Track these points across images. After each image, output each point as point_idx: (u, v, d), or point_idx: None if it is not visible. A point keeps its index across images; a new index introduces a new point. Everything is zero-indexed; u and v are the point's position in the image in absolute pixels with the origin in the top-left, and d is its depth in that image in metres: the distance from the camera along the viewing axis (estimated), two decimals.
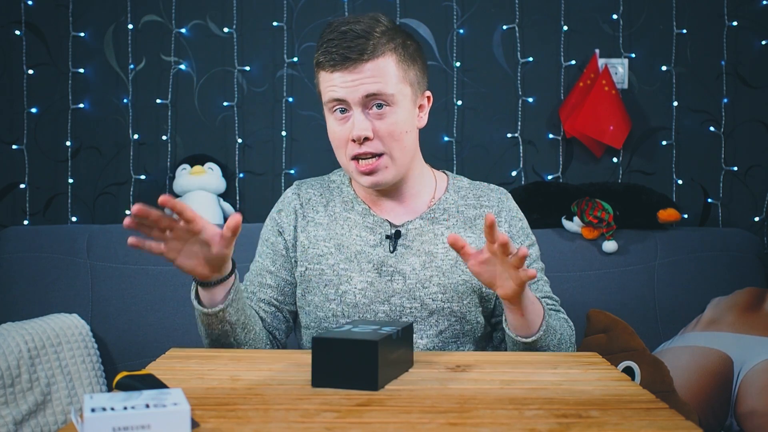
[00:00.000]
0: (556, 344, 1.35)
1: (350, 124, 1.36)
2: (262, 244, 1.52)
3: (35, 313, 2.05)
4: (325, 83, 1.37)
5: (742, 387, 1.83)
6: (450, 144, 2.48)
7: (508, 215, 1.49)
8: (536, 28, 2.48)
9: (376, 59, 1.34)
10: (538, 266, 1.49)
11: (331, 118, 1.40)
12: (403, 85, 1.38)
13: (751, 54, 2.47)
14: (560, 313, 1.47)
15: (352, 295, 1.41)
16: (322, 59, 1.36)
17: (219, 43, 2.47)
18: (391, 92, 1.35)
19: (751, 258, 2.23)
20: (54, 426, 1.86)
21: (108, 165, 2.48)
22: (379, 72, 1.34)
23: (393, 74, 1.36)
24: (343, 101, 1.36)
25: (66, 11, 2.45)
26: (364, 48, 1.33)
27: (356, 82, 1.34)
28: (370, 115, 1.36)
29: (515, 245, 1.43)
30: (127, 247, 2.13)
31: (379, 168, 1.38)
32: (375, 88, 1.34)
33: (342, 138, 1.38)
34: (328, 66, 1.35)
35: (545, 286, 1.49)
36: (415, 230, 1.45)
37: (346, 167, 1.42)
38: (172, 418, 0.76)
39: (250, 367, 1.13)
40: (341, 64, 1.33)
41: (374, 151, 1.37)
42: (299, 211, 1.49)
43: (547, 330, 1.32)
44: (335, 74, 1.35)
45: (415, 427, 0.84)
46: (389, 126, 1.36)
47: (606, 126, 2.36)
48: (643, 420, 0.86)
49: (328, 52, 1.34)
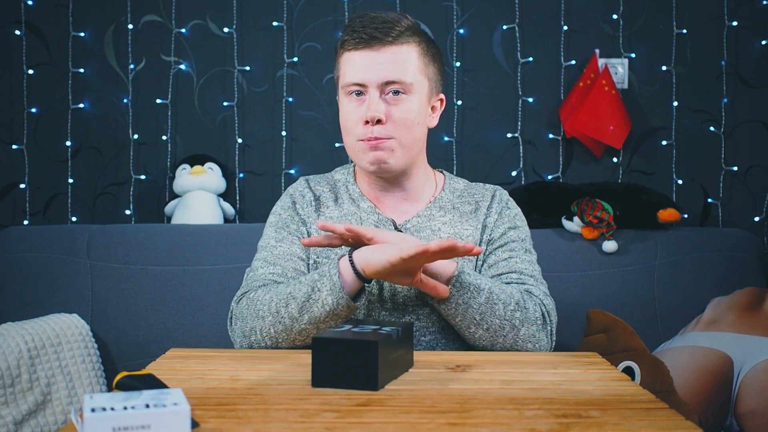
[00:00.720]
0: (486, 303, 1.30)
1: (364, 106, 1.38)
2: (279, 230, 1.47)
3: (35, 313, 2.05)
4: (347, 64, 1.40)
5: (742, 387, 1.83)
6: (450, 144, 2.48)
7: (498, 205, 1.50)
8: (536, 28, 2.48)
9: (400, 45, 1.38)
10: (518, 246, 1.45)
11: (346, 101, 1.41)
12: (422, 77, 1.41)
13: (751, 54, 2.47)
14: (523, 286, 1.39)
15: None
16: (347, 38, 1.38)
17: (219, 43, 2.47)
18: (410, 81, 1.38)
19: (751, 258, 2.23)
20: (54, 426, 1.86)
21: (108, 165, 2.48)
22: (401, 58, 1.37)
23: (414, 64, 1.39)
24: (362, 85, 1.38)
25: (66, 11, 2.45)
26: (390, 31, 1.37)
27: (378, 65, 1.36)
28: (385, 99, 1.38)
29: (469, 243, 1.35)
30: (127, 247, 2.14)
31: (385, 147, 1.39)
32: (395, 75, 1.37)
33: (354, 119, 1.39)
34: (352, 44, 1.38)
35: (519, 264, 1.42)
36: (413, 227, 1.46)
37: (352, 149, 1.42)
38: (172, 418, 0.76)
39: (250, 367, 1.13)
40: (366, 42, 1.36)
41: (384, 137, 1.38)
42: (314, 203, 1.50)
43: (462, 287, 1.29)
44: (359, 53, 1.37)
45: (415, 427, 0.84)
46: (403, 113, 1.38)
47: (606, 126, 2.36)
48: (643, 420, 0.86)
49: (355, 31, 1.37)
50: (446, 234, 1.45)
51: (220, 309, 2.10)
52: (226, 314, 2.10)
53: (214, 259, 2.14)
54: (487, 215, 1.49)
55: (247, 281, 1.43)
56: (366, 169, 1.44)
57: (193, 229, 2.21)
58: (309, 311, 1.27)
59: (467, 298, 1.31)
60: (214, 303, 2.10)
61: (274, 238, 1.47)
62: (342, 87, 1.42)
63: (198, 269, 2.14)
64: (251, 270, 1.45)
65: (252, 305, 1.33)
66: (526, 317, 1.33)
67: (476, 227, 1.47)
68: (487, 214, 1.49)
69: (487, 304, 1.31)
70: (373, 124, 1.37)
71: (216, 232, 2.20)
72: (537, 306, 1.35)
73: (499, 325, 1.31)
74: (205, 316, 2.09)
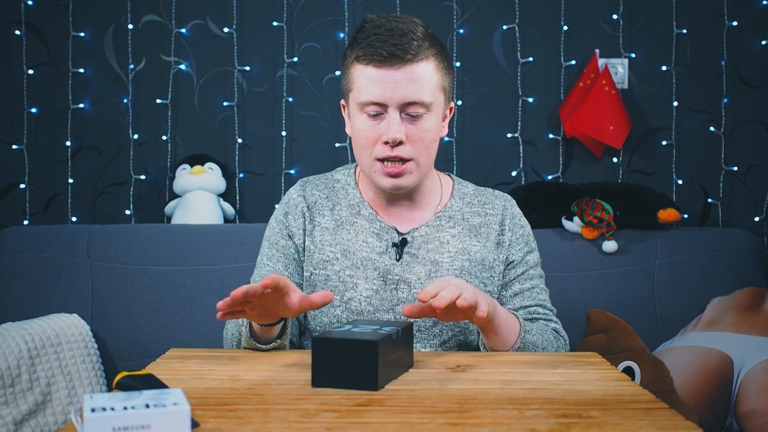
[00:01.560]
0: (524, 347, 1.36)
1: (383, 126, 1.35)
2: (270, 247, 1.47)
3: (35, 313, 2.05)
4: (362, 80, 1.35)
5: (742, 387, 1.83)
6: (450, 144, 2.48)
7: (511, 222, 1.48)
8: (536, 28, 2.48)
9: (419, 62, 1.33)
10: (536, 273, 1.49)
11: (361, 117, 1.37)
12: (439, 93, 1.38)
13: (751, 54, 2.48)
14: (550, 323, 1.46)
15: (357, 303, 1.40)
16: (363, 53, 1.33)
17: (219, 43, 2.47)
18: (429, 100, 1.35)
19: (751, 258, 2.23)
20: (54, 426, 1.86)
21: (108, 165, 2.48)
22: (420, 77, 1.34)
23: (432, 80, 1.36)
24: (381, 105, 1.34)
25: (66, 11, 2.45)
26: (409, 47, 1.32)
27: (397, 83, 1.32)
28: (404, 119, 1.35)
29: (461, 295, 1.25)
30: (127, 247, 2.14)
31: (404, 172, 1.37)
32: (415, 96, 1.33)
33: (371, 138, 1.36)
34: (371, 61, 1.33)
35: (540, 294, 1.48)
36: (421, 238, 1.43)
37: (368, 167, 1.39)
38: (172, 418, 0.76)
39: (250, 367, 1.13)
40: (387, 61, 1.32)
41: (404, 156, 1.36)
42: (306, 214, 1.46)
43: (523, 347, 1.34)
44: (379, 71, 1.33)
45: (415, 427, 0.84)
46: (422, 132, 1.36)
47: (606, 126, 2.36)
48: (643, 420, 0.87)
49: (373, 47, 1.32)
50: (455, 249, 1.43)
51: None
52: None
53: (214, 259, 2.14)
54: (500, 233, 1.47)
55: None
56: (380, 188, 1.42)
57: (193, 229, 2.21)
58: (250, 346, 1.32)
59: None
60: (214, 303, 2.06)
61: (266, 256, 1.48)
62: (358, 104, 1.36)
63: (198, 269, 2.14)
64: None
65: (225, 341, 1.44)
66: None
67: (484, 245, 1.45)
68: (500, 231, 1.47)
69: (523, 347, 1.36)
70: (393, 146, 1.35)
71: (216, 232, 2.20)
72: (563, 347, 1.45)
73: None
74: (205, 316, 2.09)
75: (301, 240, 1.45)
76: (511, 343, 1.33)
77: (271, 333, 1.28)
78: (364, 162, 1.40)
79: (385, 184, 1.39)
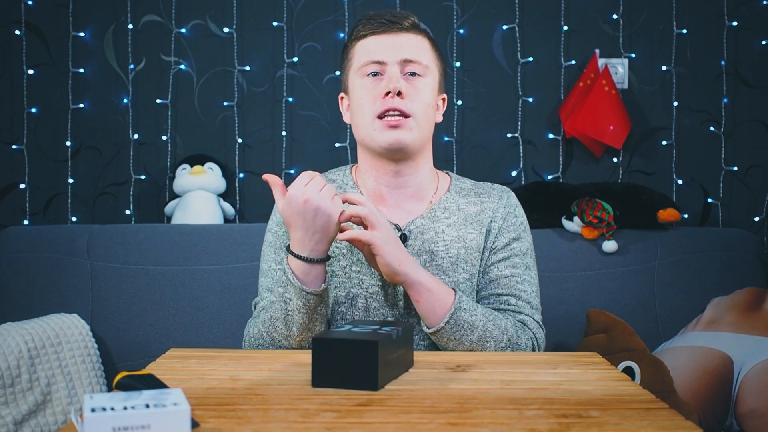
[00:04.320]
0: (477, 341, 1.32)
1: (384, 83, 1.39)
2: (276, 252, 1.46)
3: (35, 313, 2.05)
4: (362, 50, 1.42)
5: (742, 387, 1.83)
6: (450, 144, 2.48)
7: (505, 211, 1.47)
8: (536, 28, 2.48)
9: (415, 33, 1.43)
10: (521, 262, 1.45)
11: (361, 82, 1.42)
12: (434, 65, 1.45)
13: (751, 54, 2.48)
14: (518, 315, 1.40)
15: (363, 299, 1.40)
16: (362, 28, 1.42)
17: (219, 43, 2.47)
18: (426, 63, 1.42)
19: (751, 258, 2.23)
20: (54, 426, 1.86)
21: (108, 165, 2.48)
22: (417, 44, 1.42)
23: (427, 51, 1.44)
24: (381, 63, 1.40)
25: (66, 11, 2.45)
26: (404, 20, 1.42)
27: (396, 45, 1.40)
28: (403, 77, 1.40)
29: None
30: (127, 247, 2.14)
31: (405, 126, 1.39)
32: (414, 56, 1.40)
33: (372, 95, 1.39)
34: (369, 32, 1.41)
35: (520, 285, 1.43)
36: (417, 229, 1.44)
37: (368, 128, 1.40)
38: (172, 418, 0.76)
39: (250, 367, 1.13)
40: (386, 28, 1.40)
41: (404, 110, 1.38)
42: None
43: (456, 324, 1.31)
44: (379, 38, 1.41)
45: (415, 427, 0.84)
46: (420, 91, 1.41)
47: (606, 126, 2.36)
48: (643, 420, 0.86)
49: (371, 22, 1.42)
50: (450, 237, 1.43)
51: (220, 309, 2.10)
52: (226, 314, 2.10)
53: (214, 259, 2.14)
54: (492, 219, 1.46)
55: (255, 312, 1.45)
56: (380, 147, 1.40)
57: (193, 229, 2.21)
58: (294, 323, 1.31)
59: (460, 335, 1.32)
60: (214, 303, 2.10)
61: (273, 261, 1.45)
62: (358, 69, 1.41)
63: (198, 269, 2.14)
64: (257, 299, 1.46)
65: (254, 342, 1.38)
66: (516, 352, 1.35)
67: (480, 231, 1.45)
68: (492, 218, 1.46)
69: (479, 342, 1.33)
70: (393, 96, 1.37)
71: (216, 232, 2.20)
72: (529, 340, 1.38)
73: (461, 346, 1.34)
74: (205, 316, 2.10)
75: None
76: (440, 317, 1.31)
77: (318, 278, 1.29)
78: (364, 125, 1.41)
79: (386, 138, 1.38)
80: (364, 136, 1.42)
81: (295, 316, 1.30)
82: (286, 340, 1.34)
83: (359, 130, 1.43)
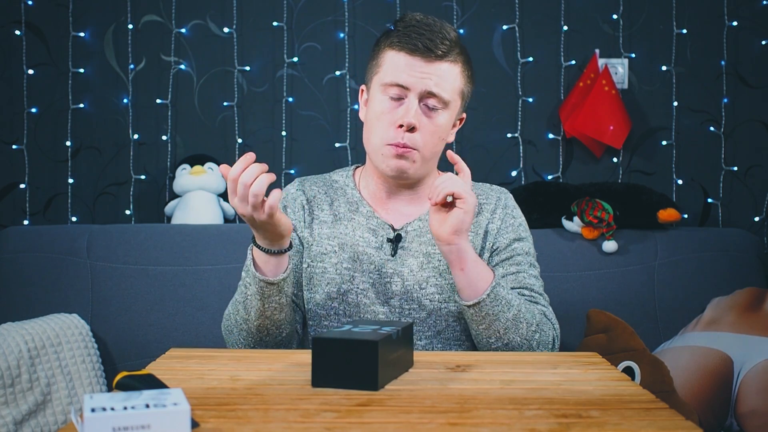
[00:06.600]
0: (512, 320, 1.33)
1: (401, 111, 1.38)
2: None
3: (35, 313, 2.05)
4: (391, 63, 1.40)
5: (742, 387, 1.83)
6: (450, 144, 2.47)
7: (502, 212, 1.49)
8: (536, 28, 2.48)
9: (449, 62, 1.40)
10: (524, 260, 1.46)
11: (381, 98, 1.41)
12: (457, 96, 1.43)
13: (751, 54, 2.48)
14: (538, 305, 1.42)
15: (354, 295, 1.42)
16: (398, 40, 1.39)
17: (219, 43, 2.47)
18: (448, 98, 1.41)
19: (751, 258, 2.23)
20: (54, 426, 1.86)
21: (108, 165, 2.48)
22: (446, 75, 1.40)
23: (455, 82, 1.42)
24: (404, 89, 1.38)
25: (66, 11, 2.45)
26: (442, 45, 1.38)
27: (423, 74, 1.38)
28: (421, 109, 1.39)
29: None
30: (127, 247, 2.14)
31: (409, 156, 1.40)
32: (436, 90, 1.39)
33: (387, 120, 1.39)
34: (403, 49, 1.38)
35: (529, 279, 1.45)
36: (414, 231, 1.45)
37: (377, 149, 1.42)
38: (172, 418, 0.76)
39: (250, 367, 1.13)
40: (420, 52, 1.37)
41: (412, 146, 1.39)
42: (306, 207, 1.50)
43: (496, 298, 1.31)
44: (411, 59, 1.38)
45: (415, 427, 0.84)
46: (433, 126, 1.40)
47: (606, 126, 2.36)
48: (643, 420, 0.86)
49: (410, 37, 1.38)
50: None
51: (220, 309, 2.09)
52: None
53: (214, 259, 2.14)
54: (489, 220, 1.48)
55: None
56: (384, 173, 1.43)
57: (193, 229, 2.21)
58: (252, 307, 1.33)
59: (497, 310, 1.32)
60: (214, 303, 2.10)
61: None
62: (382, 84, 1.41)
63: (198, 269, 2.14)
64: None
65: (225, 322, 1.42)
66: (542, 340, 1.37)
67: (477, 232, 1.47)
68: (489, 219, 1.48)
69: (514, 321, 1.33)
70: (406, 131, 1.38)
71: (216, 232, 2.20)
72: (551, 330, 1.40)
73: (519, 343, 1.34)
74: (205, 316, 2.09)
75: (301, 232, 1.48)
76: (481, 291, 1.31)
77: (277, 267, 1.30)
78: (373, 143, 1.42)
79: (390, 165, 1.40)
80: (371, 152, 1.45)
81: (253, 302, 1.32)
82: (245, 323, 1.35)
83: (368, 144, 1.45)
